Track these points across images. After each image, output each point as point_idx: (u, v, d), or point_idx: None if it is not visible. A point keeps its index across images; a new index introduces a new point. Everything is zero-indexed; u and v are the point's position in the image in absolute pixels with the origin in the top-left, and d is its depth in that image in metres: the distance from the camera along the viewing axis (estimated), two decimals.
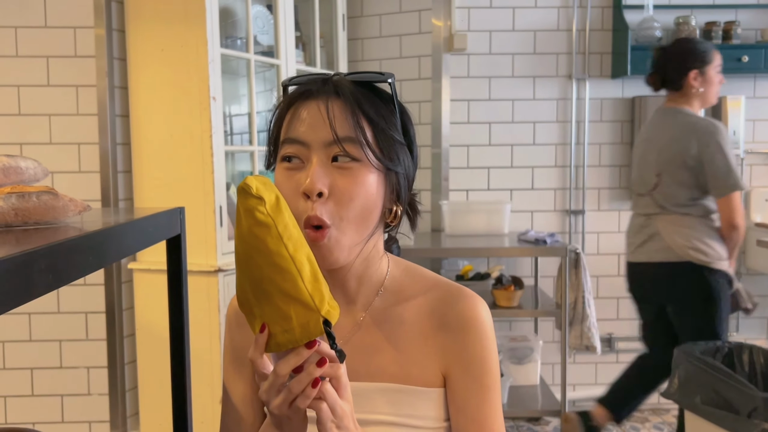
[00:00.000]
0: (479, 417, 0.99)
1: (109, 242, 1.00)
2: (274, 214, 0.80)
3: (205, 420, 2.78)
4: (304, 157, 0.95)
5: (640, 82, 3.71)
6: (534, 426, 3.62)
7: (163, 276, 2.82)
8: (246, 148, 3.20)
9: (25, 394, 2.94)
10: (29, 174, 1.15)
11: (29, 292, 0.75)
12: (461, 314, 1.00)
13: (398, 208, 1.01)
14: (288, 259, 0.80)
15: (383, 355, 1.01)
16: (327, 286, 0.83)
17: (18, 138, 2.87)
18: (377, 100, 0.99)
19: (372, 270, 1.04)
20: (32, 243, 0.82)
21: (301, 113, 0.96)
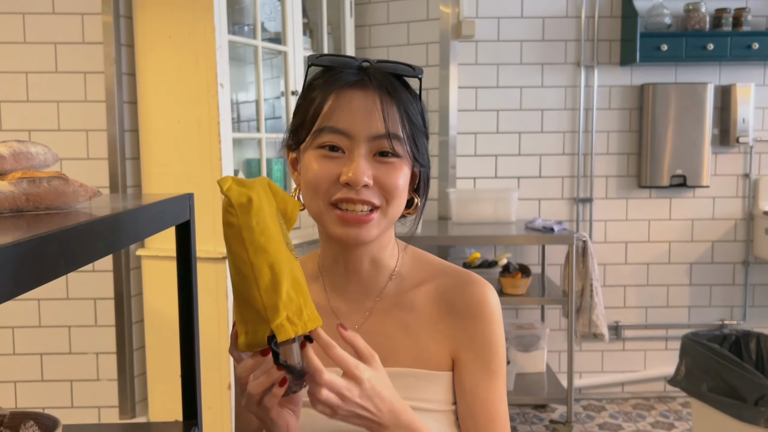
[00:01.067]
0: (486, 399, 1.01)
1: (120, 227, 1.01)
2: (241, 217, 0.80)
3: (212, 406, 2.80)
4: (346, 148, 0.97)
5: (649, 69, 3.70)
6: (540, 413, 3.63)
7: (172, 263, 2.83)
8: (253, 135, 3.20)
9: (35, 380, 2.96)
10: (39, 159, 1.16)
11: (41, 277, 0.76)
12: (470, 300, 1.02)
13: (418, 199, 1.06)
14: (247, 263, 0.80)
15: (395, 340, 1.02)
16: (297, 300, 0.81)
17: (26, 125, 2.88)
18: (410, 96, 1.02)
19: (386, 257, 1.06)
20: (43, 228, 0.82)
21: (349, 104, 0.97)
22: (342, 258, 1.05)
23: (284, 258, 0.82)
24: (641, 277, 3.81)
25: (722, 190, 3.78)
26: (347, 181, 0.95)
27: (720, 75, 3.74)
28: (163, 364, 2.93)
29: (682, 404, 3.72)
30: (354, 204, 0.96)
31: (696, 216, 3.79)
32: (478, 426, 1.01)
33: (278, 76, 3.41)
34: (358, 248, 1.03)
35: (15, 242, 0.71)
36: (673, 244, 3.80)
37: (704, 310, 3.84)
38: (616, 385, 3.86)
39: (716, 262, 3.81)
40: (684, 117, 3.67)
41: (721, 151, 3.77)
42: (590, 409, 3.69)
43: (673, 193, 3.77)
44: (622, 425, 3.47)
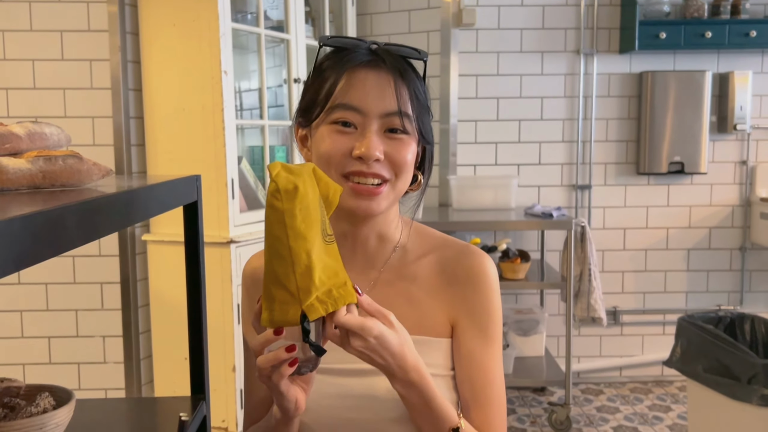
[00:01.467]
0: (483, 364, 1.06)
1: (133, 204, 1.05)
2: (286, 203, 0.84)
3: (217, 388, 2.86)
4: (358, 124, 1.02)
5: (648, 57, 3.73)
6: (539, 396, 3.69)
7: (177, 247, 2.89)
8: (257, 122, 3.24)
9: (43, 362, 3.02)
10: (53, 140, 1.20)
11: (60, 245, 0.80)
12: (469, 269, 1.08)
13: (421, 176, 1.11)
14: (286, 246, 0.84)
15: (397, 309, 1.07)
16: (327, 285, 0.86)
17: (33, 111, 2.93)
18: (416, 77, 1.07)
19: (391, 230, 1.12)
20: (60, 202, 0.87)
21: (362, 82, 1.02)
22: (350, 232, 1.10)
23: (320, 245, 0.87)
24: (639, 263, 3.86)
25: (720, 176, 3.82)
26: (360, 155, 1.00)
27: (718, 63, 3.77)
28: (168, 347, 2.99)
29: (679, 388, 3.77)
30: (366, 177, 1.01)
31: (694, 202, 3.83)
32: (474, 389, 1.06)
33: (280, 65, 3.45)
34: (366, 223, 1.08)
35: (38, 211, 0.75)
36: (671, 230, 3.85)
37: (701, 296, 3.89)
38: (614, 369, 3.92)
39: (713, 248, 3.86)
40: (682, 104, 3.71)
41: (718, 139, 3.81)
42: (588, 392, 3.74)
43: (671, 179, 3.81)
44: (620, 408, 3.53)
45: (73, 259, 3.00)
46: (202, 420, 1.42)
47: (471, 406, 1.06)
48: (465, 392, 1.07)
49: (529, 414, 3.46)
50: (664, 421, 3.36)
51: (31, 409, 1.13)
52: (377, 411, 1.04)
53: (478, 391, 1.06)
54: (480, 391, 1.06)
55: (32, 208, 0.80)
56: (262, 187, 3.19)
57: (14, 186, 1.02)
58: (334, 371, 1.05)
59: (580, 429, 3.28)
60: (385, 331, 0.89)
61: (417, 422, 1.02)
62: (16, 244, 0.70)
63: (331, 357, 1.07)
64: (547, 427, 3.30)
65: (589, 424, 3.34)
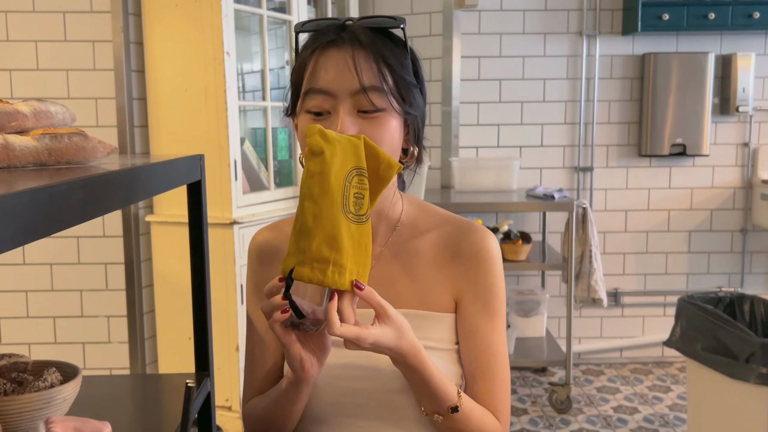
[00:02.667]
0: (486, 338, 1.09)
1: (139, 180, 1.07)
2: (308, 162, 0.89)
3: (221, 367, 2.89)
4: (330, 107, 1.00)
5: (651, 38, 3.73)
6: (540, 376, 3.72)
7: (180, 228, 2.91)
8: (259, 104, 3.25)
9: (49, 342, 3.05)
10: (58, 118, 1.21)
11: (68, 219, 0.82)
12: (473, 245, 1.09)
13: (415, 149, 1.09)
14: (301, 204, 0.89)
15: (401, 284, 1.09)
16: (330, 254, 0.87)
17: (36, 93, 2.93)
18: (392, 46, 1.04)
19: (389, 208, 1.12)
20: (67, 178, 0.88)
21: (326, 63, 1.01)
22: None
23: (331, 216, 0.88)
24: (640, 245, 3.88)
25: (721, 158, 3.83)
26: None
27: (721, 44, 3.77)
28: (172, 326, 3.02)
29: (679, 369, 3.80)
30: None
31: (695, 184, 3.84)
32: (479, 362, 1.09)
33: (282, 47, 3.45)
34: None
35: (47, 185, 0.77)
36: (673, 212, 3.86)
37: (702, 277, 3.91)
38: (615, 350, 3.95)
39: (715, 230, 3.87)
40: (685, 86, 3.70)
41: (720, 120, 3.81)
42: (589, 373, 3.77)
43: (672, 161, 3.82)
44: (620, 388, 3.56)
45: (78, 240, 3.02)
46: (206, 396, 1.44)
47: (476, 379, 1.09)
48: (470, 365, 1.10)
49: (529, 394, 3.50)
50: (663, 401, 3.39)
51: (39, 383, 1.15)
52: (381, 382, 1.06)
53: (482, 364, 1.08)
54: (484, 364, 1.09)
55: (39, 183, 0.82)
56: (265, 169, 3.20)
57: (21, 163, 1.03)
58: (340, 343, 1.08)
59: (580, 409, 3.31)
60: (380, 336, 0.92)
61: (418, 398, 1.04)
62: (24, 217, 0.71)
63: None
64: (547, 406, 3.33)
65: (589, 404, 3.37)
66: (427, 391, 1.01)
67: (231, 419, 2.94)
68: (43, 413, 1.11)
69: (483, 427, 1.06)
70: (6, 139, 1.01)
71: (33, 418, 1.12)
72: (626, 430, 3.09)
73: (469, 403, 1.05)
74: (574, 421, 3.18)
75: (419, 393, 1.03)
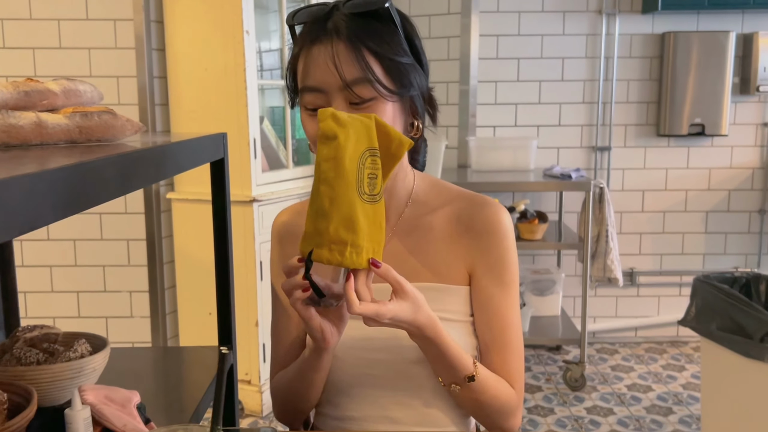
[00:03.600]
0: (500, 309, 1.12)
1: (167, 157, 1.10)
2: (322, 147, 0.89)
3: (241, 342, 2.94)
4: (324, 103, 1.03)
5: (671, 17, 3.70)
6: (554, 355, 3.75)
7: (200, 205, 2.95)
8: (277, 82, 3.27)
9: (73, 316, 3.12)
10: (87, 97, 1.24)
11: (99, 195, 0.85)
12: (486, 219, 1.12)
13: (418, 122, 1.10)
14: (316, 187, 0.90)
15: (415, 258, 1.12)
16: (346, 235, 0.90)
17: (59, 71, 2.97)
18: (378, 27, 1.02)
19: (400, 185, 1.15)
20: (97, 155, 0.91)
21: (313, 60, 1.02)
22: None
23: (347, 199, 0.90)
24: (657, 225, 3.88)
25: (741, 139, 3.81)
26: None
27: (743, 23, 3.73)
28: (193, 302, 3.07)
29: (693, 348, 3.81)
30: None
31: (713, 165, 3.83)
32: (493, 333, 1.12)
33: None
34: None
35: (79, 163, 0.80)
36: (690, 192, 3.85)
37: (719, 258, 3.90)
38: (630, 329, 3.96)
39: (732, 210, 3.86)
40: (705, 65, 3.67)
41: (740, 100, 3.78)
42: (603, 352, 3.80)
43: (691, 141, 3.80)
44: (634, 367, 3.58)
45: (100, 217, 3.07)
46: (230, 368, 1.48)
47: (490, 350, 1.12)
48: (484, 336, 1.13)
49: (544, 372, 3.53)
50: (677, 380, 3.41)
51: (69, 354, 1.19)
52: (400, 353, 1.10)
53: (496, 335, 1.12)
54: (498, 335, 1.12)
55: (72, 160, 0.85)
56: (283, 147, 3.23)
57: (53, 140, 1.06)
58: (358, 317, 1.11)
59: (594, 387, 3.34)
60: (398, 311, 0.95)
61: (435, 369, 1.08)
62: (60, 192, 0.74)
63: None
64: (561, 384, 3.37)
65: (603, 382, 3.40)
66: (444, 362, 1.04)
67: (250, 393, 3.00)
68: (74, 382, 1.15)
69: (499, 395, 1.10)
70: (39, 117, 1.04)
71: (64, 387, 1.16)
72: (640, 408, 3.12)
73: (484, 372, 1.08)
74: (587, 399, 3.21)
75: (436, 364, 1.06)
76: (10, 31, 2.95)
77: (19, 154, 0.91)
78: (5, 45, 2.95)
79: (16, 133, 0.99)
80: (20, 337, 1.23)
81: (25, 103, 1.08)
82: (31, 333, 1.26)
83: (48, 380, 1.13)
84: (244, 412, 3.02)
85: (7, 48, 2.95)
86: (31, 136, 1.01)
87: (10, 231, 0.61)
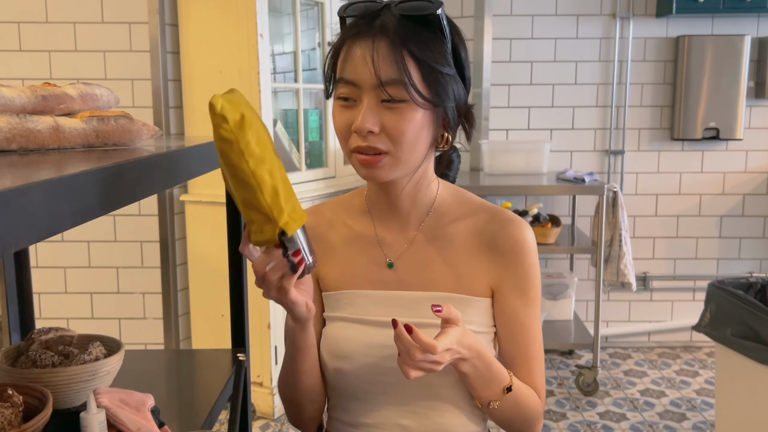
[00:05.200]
0: (526, 325, 1.14)
1: (183, 161, 1.11)
2: (237, 132, 0.87)
3: (253, 344, 2.95)
4: (357, 97, 1.03)
5: (685, 20, 3.68)
6: (567, 359, 3.73)
7: (214, 207, 2.96)
8: (291, 85, 3.28)
9: (86, 317, 3.14)
10: (104, 101, 1.25)
11: (120, 200, 0.85)
12: (510, 237, 1.12)
13: (448, 134, 1.10)
14: (249, 173, 0.87)
15: (435, 267, 1.12)
16: (291, 199, 0.91)
17: (74, 74, 2.99)
18: (425, 33, 1.02)
19: (423, 193, 1.14)
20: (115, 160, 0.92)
21: (352, 54, 1.03)
22: (383, 195, 1.14)
23: (277, 163, 0.91)
24: (671, 229, 3.85)
25: (756, 143, 3.78)
26: (354, 129, 1.02)
27: (758, 26, 3.70)
28: (205, 304, 3.08)
29: (707, 354, 3.79)
30: (364, 150, 1.03)
31: (728, 169, 3.80)
32: (518, 347, 1.14)
33: (314, 28, 3.46)
34: (392, 187, 1.12)
35: (99, 168, 0.80)
36: (704, 196, 3.83)
37: (733, 263, 3.88)
38: (643, 334, 3.94)
39: (747, 215, 3.83)
40: (719, 69, 3.65)
41: (756, 104, 3.76)
42: (616, 356, 3.78)
43: (705, 145, 3.78)
44: (647, 372, 3.56)
45: (114, 219, 3.09)
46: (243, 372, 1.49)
47: (516, 362, 1.14)
48: (509, 349, 1.14)
49: (556, 376, 3.52)
50: (691, 386, 3.39)
51: (84, 356, 1.19)
52: None
53: (521, 348, 1.14)
54: (523, 348, 1.14)
55: (90, 165, 0.85)
56: (296, 150, 3.24)
57: (70, 144, 1.07)
58: (375, 323, 1.11)
59: (607, 392, 3.32)
60: (457, 334, 1.00)
61: (476, 389, 1.08)
62: (82, 197, 0.75)
63: (373, 310, 1.12)
64: (574, 389, 3.35)
65: (616, 387, 3.38)
66: (488, 376, 1.06)
67: (262, 395, 3.00)
68: (89, 385, 1.16)
69: (530, 403, 1.12)
70: (57, 122, 1.05)
71: (79, 390, 1.16)
72: (653, 413, 3.10)
73: (517, 381, 1.11)
74: (600, 404, 3.20)
75: (479, 381, 1.07)
76: (27, 34, 2.97)
77: (37, 159, 0.92)
78: (22, 48, 2.97)
79: (34, 137, 1.00)
80: (35, 339, 1.23)
81: (43, 108, 1.08)
82: (46, 335, 1.26)
83: (63, 383, 1.14)
84: (255, 414, 3.02)
85: (24, 51, 2.98)
86: (48, 140, 1.02)
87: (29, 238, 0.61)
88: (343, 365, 1.12)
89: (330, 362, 1.14)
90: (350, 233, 1.19)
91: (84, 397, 1.11)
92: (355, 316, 1.13)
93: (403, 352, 0.96)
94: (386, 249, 1.15)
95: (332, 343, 1.14)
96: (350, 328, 1.13)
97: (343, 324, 1.14)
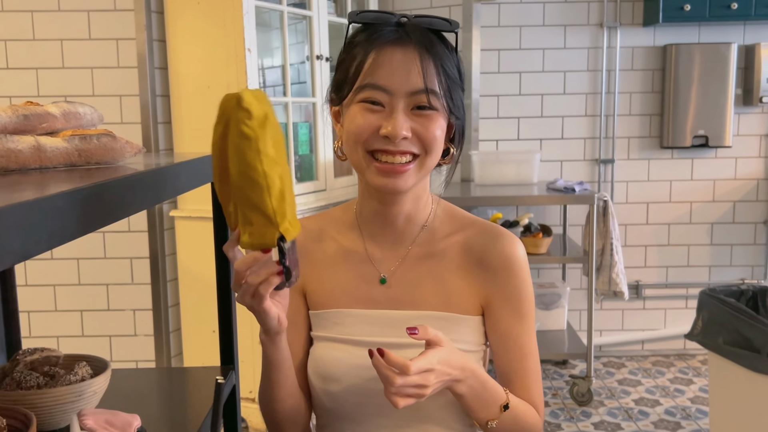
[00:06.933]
0: (520, 341, 1.13)
1: (167, 179, 1.10)
2: (258, 130, 0.86)
3: (244, 360, 2.93)
4: (386, 103, 1.04)
5: (672, 29, 3.70)
6: (560, 369, 3.72)
7: (203, 223, 2.94)
8: (280, 99, 3.27)
9: (76, 335, 3.11)
10: (87, 119, 1.24)
11: (102, 220, 0.84)
12: (501, 253, 1.11)
13: (453, 149, 1.12)
14: (261, 173, 0.86)
15: (425, 285, 1.11)
16: (293, 208, 0.91)
17: (62, 91, 2.98)
18: (445, 49, 1.07)
19: (419, 208, 1.14)
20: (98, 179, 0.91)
21: (389, 61, 1.03)
22: (381, 210, 1.13)
23: (287, 169, 0.90)
24: (662, 237, 3.86)
25: (744, 150, 3.79)
26: (386, 134, 1.02)
27: (744, 34, 3.73)
28: (197, 320, 3.06)
29: (701, 361, 3.79)
30: (393, 156, 1.03)
31: (718, 176, 3.81)
32: (513, 363, 1.13)
33: (303, 41, 3.47)
34: (396, 202, 1.11)
35: (80, 188, 0.79)
36: (695, 204, 3.83)
37: (725, 270, 3.88)
38: (636, 342, 3.94)
39: (737, 221, 3.84)
40: (707, 77, 3.67)
41: (743, 111, 3.77)
42: (610, 365, 3.77)
43: (695, 153, 3.79)
44: (641, 381, 3.55)
45: (104, 235, 3.07)
46: (231, 388, 1.48)
47: (512, 379, 1.13)
48: (504, 366, 1.13)
49: (550, 386, 3.50)
50: (685, 394, 3.38)
51: (70, 377, 1.18)
52: None
53: (516, 366, 1.13)
54: (518, 365, 1.13)
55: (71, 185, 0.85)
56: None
57: (52, 164, 1.06)
58: (364, 343, 1.09)
59: (601, 401, 3.31)
60: (442, 355, 0.98)
61: (473, 409, 1.07)
62: (59, 218, 0.74)
63: (361, 330, 1.11)
64: (568, 399, 3.34)
65: (610, 396, 3.37)
66: (484, 396, 1.05)
67: (254, 411, 2.98)
68: (74, 406, 1.14)
69: (528, 419, 1.11)
70: (38, 141, 1.04)
71: (65, 411, 1.15)
72: (648, 422, 3.09)
73: (514, 398, 1.10)
74: (595, 414, 3.18)
75: (476, 401, 1.05)
76: (14, 52, 2.96)
77: (17, 179, 0.91)
78: (9, 65, 2.96)
79: (15, 157, 0.99)
80: (20, 360, 1.22)
81: (25, 127, 1.07)
82: (31, 356, 1.25)
83: (48, 404, 1.12)
84: (248, 430, 3.00)
85: (11, 68, 2.97)
86: (30, 160, 1.01)
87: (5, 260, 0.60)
88: (332, 387, 1.11)
89: (318, 384, 1.12)
90: (338, 248, 1.17)
91: (70, 419, 1.10)
92: (342, 336, 1.12)
93: (384, 379, 0.95)
94: (378, 265, 1.14)
95: (320, 365, 1.12)
96: (337, 348, 1.12)
97: (330, 344, 1.13)
